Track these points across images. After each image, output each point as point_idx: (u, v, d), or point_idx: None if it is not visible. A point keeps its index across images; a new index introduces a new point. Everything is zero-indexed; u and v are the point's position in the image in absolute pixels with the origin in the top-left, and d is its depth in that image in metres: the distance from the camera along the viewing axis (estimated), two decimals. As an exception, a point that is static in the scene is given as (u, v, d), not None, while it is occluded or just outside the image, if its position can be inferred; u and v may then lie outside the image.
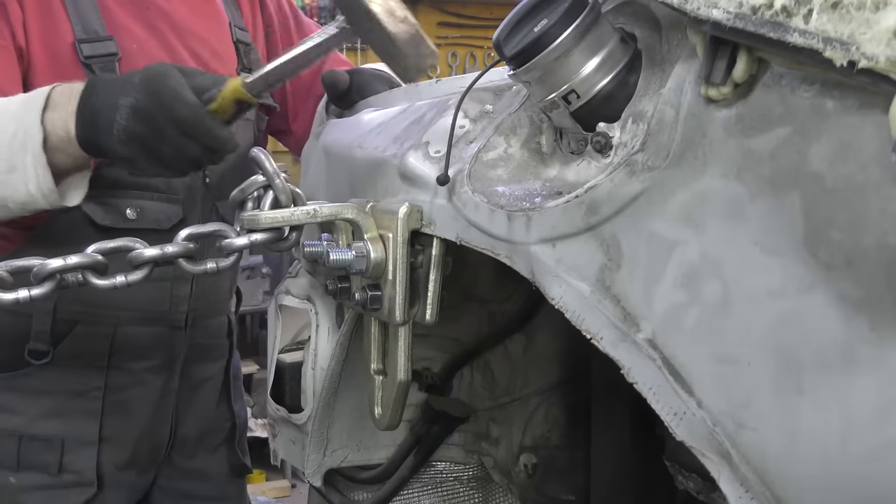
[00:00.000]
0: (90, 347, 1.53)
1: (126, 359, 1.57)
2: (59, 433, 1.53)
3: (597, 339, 0.81)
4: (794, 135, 0.65)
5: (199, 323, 1.66)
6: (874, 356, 0.59)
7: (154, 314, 1.57)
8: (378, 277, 1.10)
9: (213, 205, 1.58)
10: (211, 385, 1.74)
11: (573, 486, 1.48)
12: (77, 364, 1.53)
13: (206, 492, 1.73)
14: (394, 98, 1.41)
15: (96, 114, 1.22)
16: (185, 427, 1.69)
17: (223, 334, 1.76)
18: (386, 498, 1.45)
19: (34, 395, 1.52)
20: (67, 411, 1.53)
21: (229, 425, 1.77)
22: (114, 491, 1.58)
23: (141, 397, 1.60)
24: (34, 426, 1.52)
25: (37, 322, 1.49)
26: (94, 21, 1.45)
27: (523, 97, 1.02)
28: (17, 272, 1.14)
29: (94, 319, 1.52)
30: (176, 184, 1.52)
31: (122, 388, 1.57)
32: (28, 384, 1.51)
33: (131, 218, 1.48)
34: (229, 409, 1.77)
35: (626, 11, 0.90)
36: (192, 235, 1.18)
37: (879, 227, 0.59)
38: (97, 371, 1.55)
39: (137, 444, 1.61)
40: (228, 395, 1.77)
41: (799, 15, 0.61)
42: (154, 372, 1.61)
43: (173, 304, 1.59)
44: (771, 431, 0.66)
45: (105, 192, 1.46)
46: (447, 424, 1.45)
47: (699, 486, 1.11)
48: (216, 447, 1.75)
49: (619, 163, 0.81)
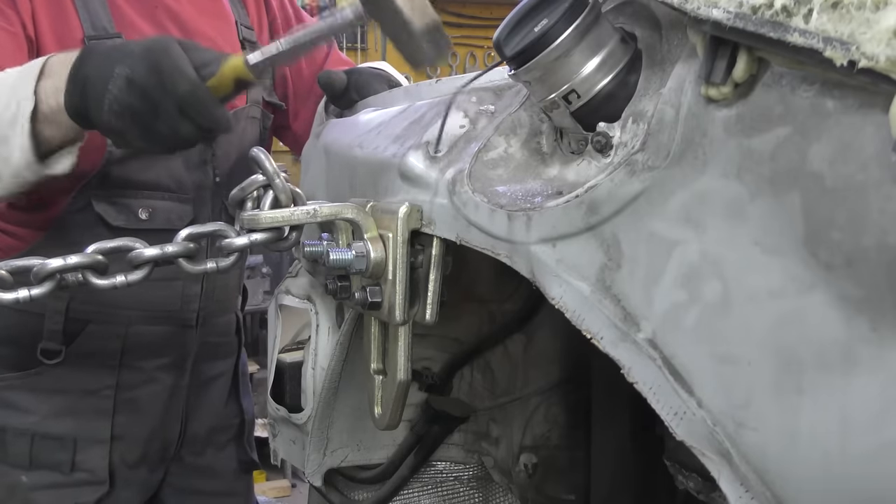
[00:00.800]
0: (102, 346, 1.54)
1: (137, 357, 1.57)
2: (71, 432, 1.53)
3: (597, 338, 0.81)
4: (794, 134, 0.65)
5: (209, 321, 1.67)
6: (874, 356, 0.59)
7: (165, 313, 1.58)
8: (378, 277, 1.10)
9: (222, 204, 1.59)
10: (221, 382, 1.75)
11: (573, 485, 1.48)
12: (89, 363, 1.54)
13: (215, 488, 1.74)
14: (394, 98, 1.41)
15: (88, 82, 1.17)
16: (195, 424, 1.70)
17: (232, 332, 1.77)
18: (386, 498, 1.45)
19: (46, 394, 1.53)
20: (79, 410, 1.54)
21: (238, 421, 1.78)
22: (125, 489, 1.59)
23: (152, 395, 1.61)
24: (46, 425, 1.53)
25: (49, 321, 1.50)
26: (103, 18, 1.46)
27: (523, 97, 1.02)
28: (17, 272, 1.14)
29: (106, 319, 1.53)
30: (186, 183, 1.53)
31: (133, 386, 1.58)
32: (40, 383, 1.52)
33: (143, 218, 1.49)
34: (238, 406, 1.78)
35: (627, 11, 0.90)
36: (192, 235, 1.18)
37: (880, 226, 0.59)
38: (109, 370, 1.55)
39: (148, 442, 1.62)
40: (238, 392, 1.78)
41: (799, 14, 0.61)
42: (165, 370, 1.62)
43: (184, 302, 1.59)
44: (771, 431, 0.66)
45: (116, 193, 1.47)
46: (447, 424, 1.45)
47: (699, 486, 1.11)
48: (225, 444, 1.76)
49: (619, 162, 0.81)
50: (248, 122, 1.62)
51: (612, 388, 1.29)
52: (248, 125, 1.62)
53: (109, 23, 1.46)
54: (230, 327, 1.76)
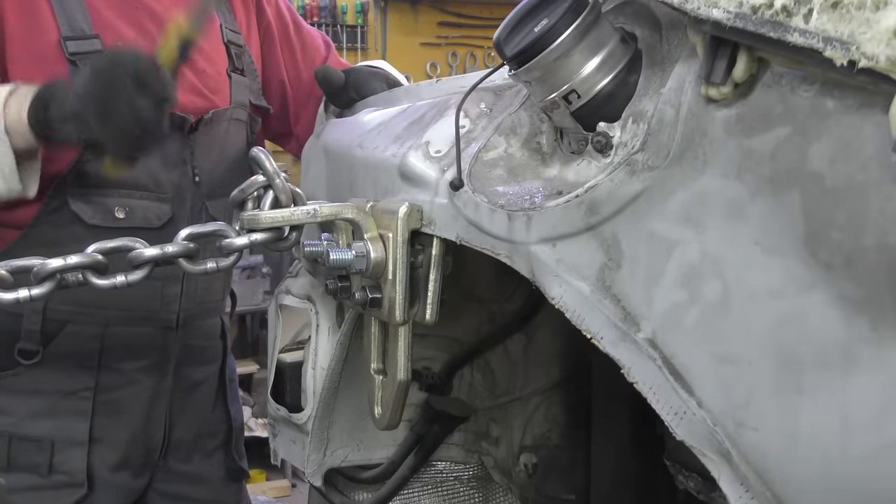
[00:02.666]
0: (80, 347, 1.53)
1: (117, 359, 1.56)
2: (49, 433, 1.52)
3: (597, 338, 0.81)
4: (794, 134, 0.65)
5: (190, 324, 1.65)
6: (874, 356, 0.59)
7: (144, 314, 1.57)
8: (378, 277, 1.10)
9: (202, 203, 1.58)
10: (206, 388, 1.73)
11: (573, 485, 1.48)
12: (67, 364, 1.53)
13: (202, 495, 1.72)
14: (394, 98, 1.41)
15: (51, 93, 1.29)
16: (180, 430, 1.69)
17: (216, 336, 1.75)
18: (386, 497, 1.45)
19: (24, 395, 1.52)
20: (57, 411, 1.53)
21: (225, 428, 1.76)
22: (105, 492, 1.57)
23: (132, 398, 1.59)
24: (24, 426, 1.51)
25: (27, 321, 1.49)
26: (81, 19, 1.46)
27: (523, 97, 1.02)
28: (17, 272, 1.14)
29: (84, 319, 1.52)
30: (164, 182, 1.52)
31: (113, 388, 1.57)
32: (18, 384, 1.51)
33: (120, 217, 1.48)
34: (225, 412, 1.76)
35: (627, 11, 0.90)
36: (192, 235, 1.18)
37: (879, 226, 0.59)
38: (88, 371, 1.54)
39: (130, 446, 1.60)
40: (225, 398, 1.76)
41: (799, 14, 0.61)
42: (146, 372, 1.60)
43: (164, 303, 1.58)
44: (771, 431, 0.66)
45: (92, 191, 1.46)
46: (447, 424, 1.45)
47: (699, 486, 1.11)
48: (212, 451, 1.74)
49: (619, 162, 0.81)
50: (231, 123, 1.61)
51: (612, 388, 1.29)
52: (232, 127, 1.61)
53: (87, 24, 1.46)
54: (215, 331, 1.75)
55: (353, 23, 5.67)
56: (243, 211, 1.17)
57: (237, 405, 1.82)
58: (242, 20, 1.71)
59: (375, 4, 5.71)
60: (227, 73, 1.61)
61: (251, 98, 1.67)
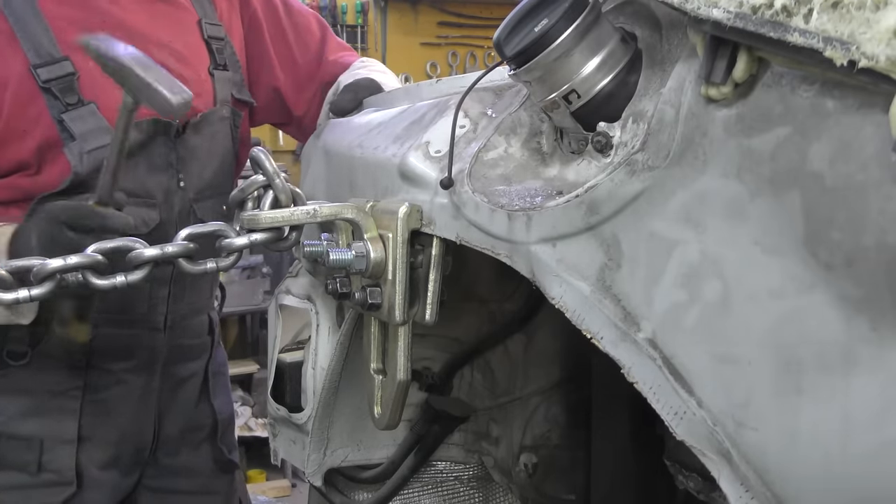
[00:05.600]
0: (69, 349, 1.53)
1: (105, 359, 1.56)
2: (37, 432, 1.52)
3: (597, 338, 0.81)
4: (794, 134, 0.65)
5: (179, 324, 1.65)
6: (874, 356, 0.59)
7: (132, 316, 1.57)
8: (378, 277, 1.10)
9: (190, 207, 1.57)
10: (192, 383, 1.72)
11: (573, 485, 1.48)
12: (56, 365, 1.52)
13: (191, 486, 1.72)
14: (394, 98, 1.41)
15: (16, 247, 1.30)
16: (168, 426, 1.69)
17: (204, 332, 1.75)
18: (386, 497, 1.45)
19: (13, 395, 1.52)
20: (46, 410, 1.53)
21: (210, 422, 1.76)
22: (94, 490, 1.57)
23: (121, 397, 1.59)
24: (13, 425, 1.51)
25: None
26: (47, 44, 1.43)
27: (523, 97, 1.02)
28: (17, 272, 1.14)
29: None
30: (151, 187, 1.51)
31: (101, 387, 1.57)
32: (6, 384, 1.51)
33: None
34: (209, 407, 1.75)
35: (627, 11, 0.90)
36: (192, 235, 1.18)
37: (879, 226, 0.59)
38: (77, 371, 1.54)
39: (119, 445, 1.60)
40: (208, 393, 1.76)
41: (799, 14, 0.61)
42: (134, 372, 1.60)
43: (151, 306, 1.58)
44: (771, 431, 0.66)
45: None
46: (447, 424, 1.45)
47: (699, 486, 1.11)
48: (199, 444, 1.74)
49: (619, 162, 0.81)
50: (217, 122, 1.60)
51: (612, 388, 1.29)
52: (218, 125, 1.61)
53: (54, 47, 1.43)
54: (202, 328, 1.74)
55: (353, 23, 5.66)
56: (243, 211, 1.17)
57: (225, 398, 1.81)
58: (224, 10, 1.69)
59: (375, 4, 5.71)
60: (209, 71, 1.60)
61: (233, 91, 1.65)
